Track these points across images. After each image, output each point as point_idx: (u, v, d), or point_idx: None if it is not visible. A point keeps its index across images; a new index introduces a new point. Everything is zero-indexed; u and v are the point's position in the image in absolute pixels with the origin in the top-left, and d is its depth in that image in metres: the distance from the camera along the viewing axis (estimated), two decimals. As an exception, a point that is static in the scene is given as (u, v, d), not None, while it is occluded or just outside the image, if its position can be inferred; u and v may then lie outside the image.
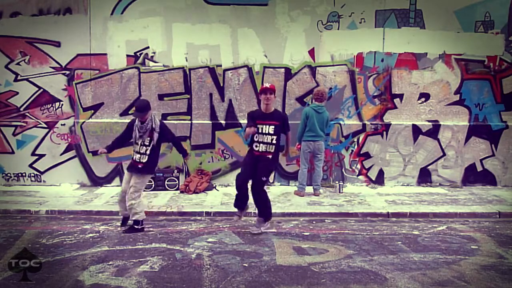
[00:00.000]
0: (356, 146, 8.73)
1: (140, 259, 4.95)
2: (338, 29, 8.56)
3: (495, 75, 8.67)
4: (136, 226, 5.96)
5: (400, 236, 5.90)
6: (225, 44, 8.54)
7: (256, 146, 5.85)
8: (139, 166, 5.94)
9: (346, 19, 8.54)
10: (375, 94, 8.69)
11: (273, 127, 5.78)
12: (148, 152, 5.92)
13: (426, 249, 5.37)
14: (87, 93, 8.53)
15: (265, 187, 5.97)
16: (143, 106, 5.88)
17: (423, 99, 8.71)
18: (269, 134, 5.79)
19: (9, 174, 8.59)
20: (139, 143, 5.93)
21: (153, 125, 5.89)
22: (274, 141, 5.81)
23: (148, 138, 5.91)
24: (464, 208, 7.11)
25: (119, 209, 6.25)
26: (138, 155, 5.94)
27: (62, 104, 8.54)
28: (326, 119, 7.77)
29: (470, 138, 8.72)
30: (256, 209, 6.08)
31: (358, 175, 8.80)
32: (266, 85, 5.84)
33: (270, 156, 5.85)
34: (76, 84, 8.51)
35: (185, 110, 8.62)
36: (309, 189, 8.03)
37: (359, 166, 8.77)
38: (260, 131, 5.79)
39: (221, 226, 6.34)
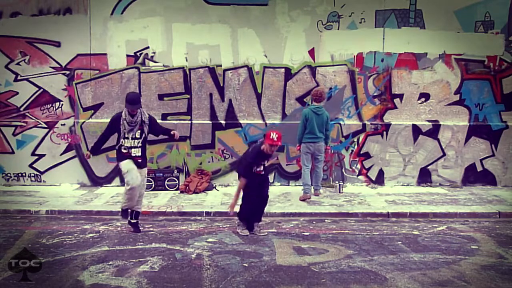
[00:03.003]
0: (356, 146, 8.73)
1: (140, 259, 4.95)
2: (338, 29, 8.56)
3: (495, 75, 8.67)
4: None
5: (400, 236, 5.90)
6: (225, 44, 8.53)
7: (255, 169, 5.89)
8: (139, 160, 5.91)
9: (346, 19, 8.54)
10: (375, 94, 8.69)
11: (267, 161, 6.02)
12: (140, 144, 5.89)
13: (426, 249, 5.38)
14: (87, 93, 8.53)
15: None
16: (136, 98, 5.83)
17: (423, 99, 8.70)
18: (264, 164, 5.97)
19: (9, 174, 8.59)
20: (130, 136, 5.82)
21: (143, 118, 5.87)
22: (265, 165, 6.04)
23: (139, 131, 5.86)
24: (464, 208, 7.11)
25: (130, 203, 5.90)
26: (133, 149, 5.86)
27: (62, 104, 8.54)
28: (326, 119, 7.64)
29: (470, 138, 8.72)
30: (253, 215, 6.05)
31: (358, 175, 8.79)
32: (274, 138, 5.61)
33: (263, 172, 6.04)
34: (76, 84, 8.51)
35: (185, 110, 8.62)
36: (309, 189, 8.03)
37: (359, 166, 8.77)
38: (256, 168, 5.86)
39: (221, 226, 6.35)
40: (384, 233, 6.02)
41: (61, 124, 8.53)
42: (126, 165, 5.84)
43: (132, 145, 5.86)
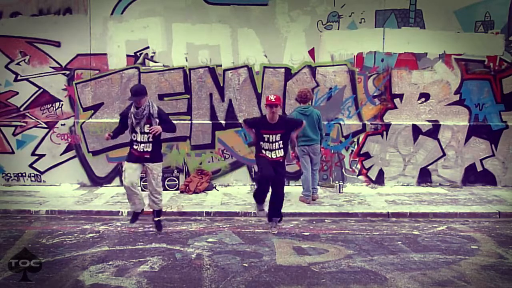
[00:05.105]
0: (356, 146, 8.73)
1: (140, 259, 4.96)
2: (338, 29, 8.56)
3: (495, 75, 8.67)
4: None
5: (400, 236, 5.90)
6: (225, 44, 8.53)
7: (267, 153, 5.82)
8: (146, 156, 5.70)
9: (346, 19, 8.54)
10: (375, 94, 8.69)
11: (279, 135, 5.78)
12: (150, 139, 5.67)
13: (426, 249, 5.38)
14: (87, 93, 8.53)
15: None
16: (138, 90, 5.57)
17: (423, 99, 8.71)
18: (276, 141, 5.80)
19: (9, 174, 8.60)
20: (138, 130, 5.63)
21: (151, 111, 5.60)
22: (281, 146, 5.84)
23: (148, 125, 5.62)
24: (464, 208, 7.11)
25: (131, 205, 5.89)
26: (142, 145, 5.65)
27: (62, 104, 8.54)
28: (317, 119, 7.32)
29: (470, 138, 8.72)
30: (269, 210, 6.09)
31: (358, 175, 8.79)
32: (272, 98, 5.69)
33: (281, 160, 5.93)
34: (76, 84, 8.51)
35: (185, 110, 8.62)
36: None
37: (359, 166, 8.77)
38: (266, 140, 5.78)
39: (221, 226, 6.35)
40: (384, 233, 6.02)
41: (61, 124, 8.53)
42: (125, 165, 5.80)
43: (142, 140, 5.66)
